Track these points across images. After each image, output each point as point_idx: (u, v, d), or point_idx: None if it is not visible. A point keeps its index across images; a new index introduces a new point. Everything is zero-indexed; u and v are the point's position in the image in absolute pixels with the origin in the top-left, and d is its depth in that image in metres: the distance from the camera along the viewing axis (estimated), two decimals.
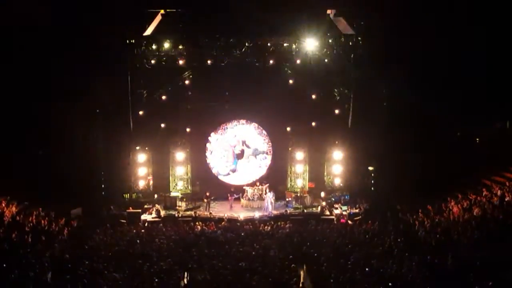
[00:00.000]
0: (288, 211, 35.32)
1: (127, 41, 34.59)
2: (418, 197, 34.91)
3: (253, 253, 25.70)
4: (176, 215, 34.77)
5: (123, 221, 33.28)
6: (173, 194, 37.76)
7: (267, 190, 37.03)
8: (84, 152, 36.11)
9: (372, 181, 36.73)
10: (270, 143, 39.61)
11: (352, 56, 35.44)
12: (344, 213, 34.77)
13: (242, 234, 29.63)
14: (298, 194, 37.24)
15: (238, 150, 39.61)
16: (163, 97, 37.75)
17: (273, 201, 35.71)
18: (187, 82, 37.76)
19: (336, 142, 38.30)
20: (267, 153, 39.64)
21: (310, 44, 34.64)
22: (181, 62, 35.58)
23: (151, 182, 38.77)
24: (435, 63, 35.20)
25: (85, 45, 33.58)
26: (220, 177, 39.60)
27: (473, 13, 34.16)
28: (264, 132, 39.52)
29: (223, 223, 32.57)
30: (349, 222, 33.33)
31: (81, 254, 25.51)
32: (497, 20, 33.93)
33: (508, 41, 34.18)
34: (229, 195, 37.04)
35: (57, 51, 33.62)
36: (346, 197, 37.08)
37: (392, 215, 32.81)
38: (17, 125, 34.46)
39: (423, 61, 35.11)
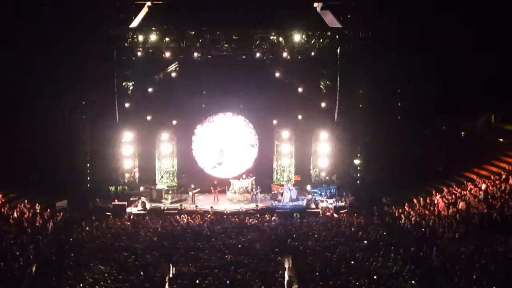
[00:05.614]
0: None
1: (113, 33, 34.35)
2: (404, 190, 35.11)
3: (239, 246, 25.73)
4: (162, 208, 34.69)
5: (108, 213, 33.13)
6: (159, 186, 37.73)
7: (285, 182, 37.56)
8: (69, 144, 35.88)
9: (358, 174, 36.76)
10: (256, 136, 39.59)
11: (338, 49, 35.41)
12: (330, 206, 34.85)
13: (228, 227, 29.66)
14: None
15: (224, 143, 39.58)
16: (150, 90, 37.69)
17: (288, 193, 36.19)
18: (173, 74, 37.68)
19: (322, 135, 38.39)
20: (253, 146, 39.65)
21: (297, 37, 34.55)
22: (167, 54, 35.37)
23: (137, 175, 38.74)
24: (422, 56, 35.30)
25: (71, 36, 33.32)
26: (206, 170, 39.55)
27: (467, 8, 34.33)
28: (250, 125, 39.50)
29: (209, 216, 32.53)
30: (335, 215, 33.40)
31: (66, 247, 25.40)
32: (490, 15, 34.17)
33: (494, 36, 34.38)
34: (212, 188, 37.02)
35: (42, 43, 33.39)
36: (332, 190, 37.16)
37: (378, 208, 32.97)
38: (2, 118, 34.19)
39: (409, 54, 35.20)
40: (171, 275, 23.45)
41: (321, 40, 34.91)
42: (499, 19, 33.86)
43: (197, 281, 21.22)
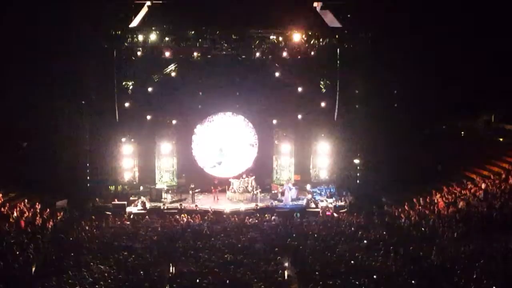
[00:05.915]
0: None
1: (113, 33, 34.32)
2: (404, 190, 35.07)
3: (239, 245, 25.72)
4: (162, 207, 34.69)
5: (108, 213, 33.13)
6: (158, 186, 37.74)
7: (285, 182, 37.48)
8: (69, 143, 35.88)
9: (358, 174, 36.76)
10: (256, 136, 39.58)
11: (338, 49, 35.39)
12: (330, 205, 34.84)
13: (228, 226, 29.66)
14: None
15: (224, 143, 39.57)
16: (149, 89, 37.66)
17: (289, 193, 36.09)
18: (173, 74, 37.66)
19: (322, 135, 38.38)
20: (253, 145, 39.64)
21: (297, 37, 34.50)
22: (167, 54, 35.33)
23: (136, 174, 38.72)
24: (422, 55, 35.27)
25: (71, 36, 33.31)
26: (206, 170, 39.55)
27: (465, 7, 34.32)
28: (250, 124, 39.49)
29: (209, 215, 32.51)
30: (335, 214, 33.38)
31: (66, 246, 25.43)
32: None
33: (495, 35, 34.36)
34: (212, 187, 37.05)
35: (43, 42, 33.38)
36: (332, 189, 37.18)
37: (378, 208, 32.96)
38: (2, 116, 34.18)
39: (408, 54, 35.17)
40: (170, 275, 23.43)
41: (321, 40, 34.85)
42: (499, 19, 33.84)
43: (197, 281, 21.22)
